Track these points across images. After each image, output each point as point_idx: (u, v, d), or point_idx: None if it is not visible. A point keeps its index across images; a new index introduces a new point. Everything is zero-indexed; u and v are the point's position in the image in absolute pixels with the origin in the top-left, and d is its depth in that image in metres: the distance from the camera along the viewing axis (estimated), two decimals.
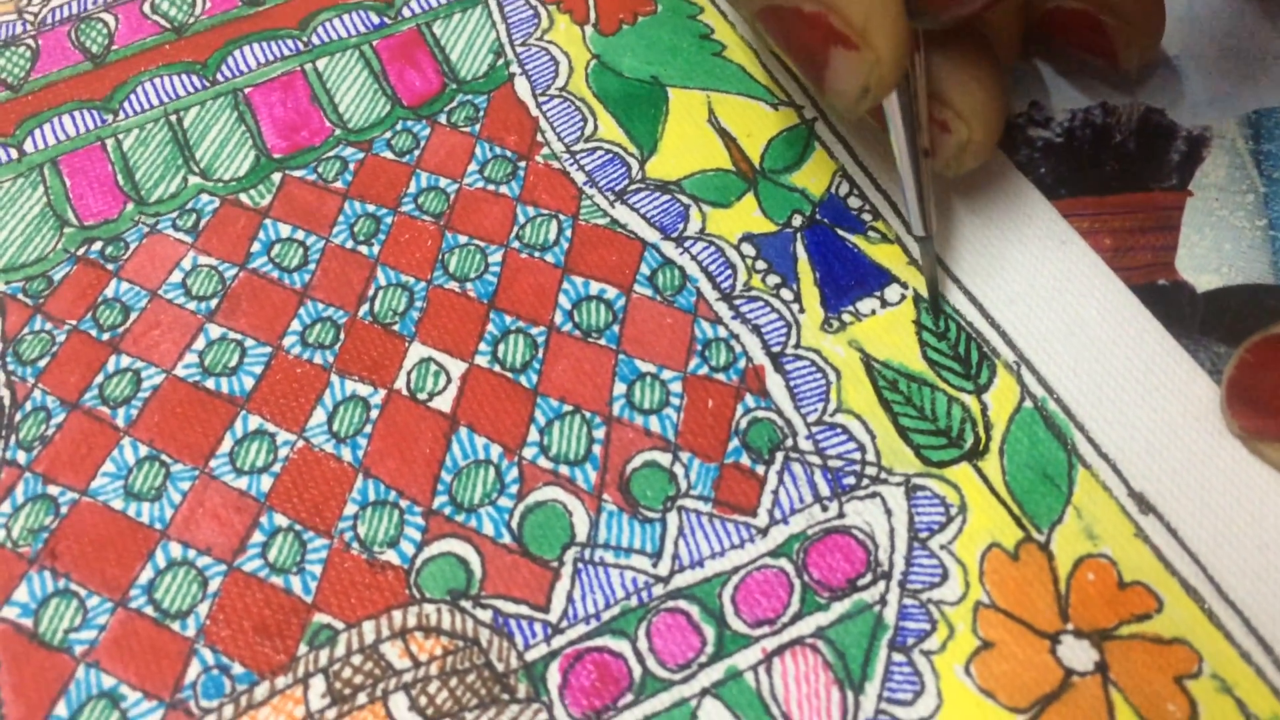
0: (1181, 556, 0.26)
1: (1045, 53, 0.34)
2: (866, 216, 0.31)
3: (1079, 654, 0.25)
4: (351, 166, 0.32)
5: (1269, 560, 0.25)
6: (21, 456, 0.28)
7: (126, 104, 0.34)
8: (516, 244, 0.31)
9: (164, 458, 0.28)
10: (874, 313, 0.29)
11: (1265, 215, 0.31)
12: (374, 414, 0.28)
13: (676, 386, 0.28)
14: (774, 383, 0.28)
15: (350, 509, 0.27)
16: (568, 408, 0.28)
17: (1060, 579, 0.25)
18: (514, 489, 0.27)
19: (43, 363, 0.29)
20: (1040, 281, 0.29)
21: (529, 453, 0.27)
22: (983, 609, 0.25)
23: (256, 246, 0.31)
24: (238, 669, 0.25)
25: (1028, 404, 0.28)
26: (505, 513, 0.27)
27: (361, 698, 0.24)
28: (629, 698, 0.24)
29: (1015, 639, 0.25)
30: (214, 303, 0.30)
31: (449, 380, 0.29)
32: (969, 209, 0.31)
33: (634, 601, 0.25)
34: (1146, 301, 0.29)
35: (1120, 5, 0.31)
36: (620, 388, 0.28)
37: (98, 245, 0.31)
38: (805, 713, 0.24)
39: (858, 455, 0.27)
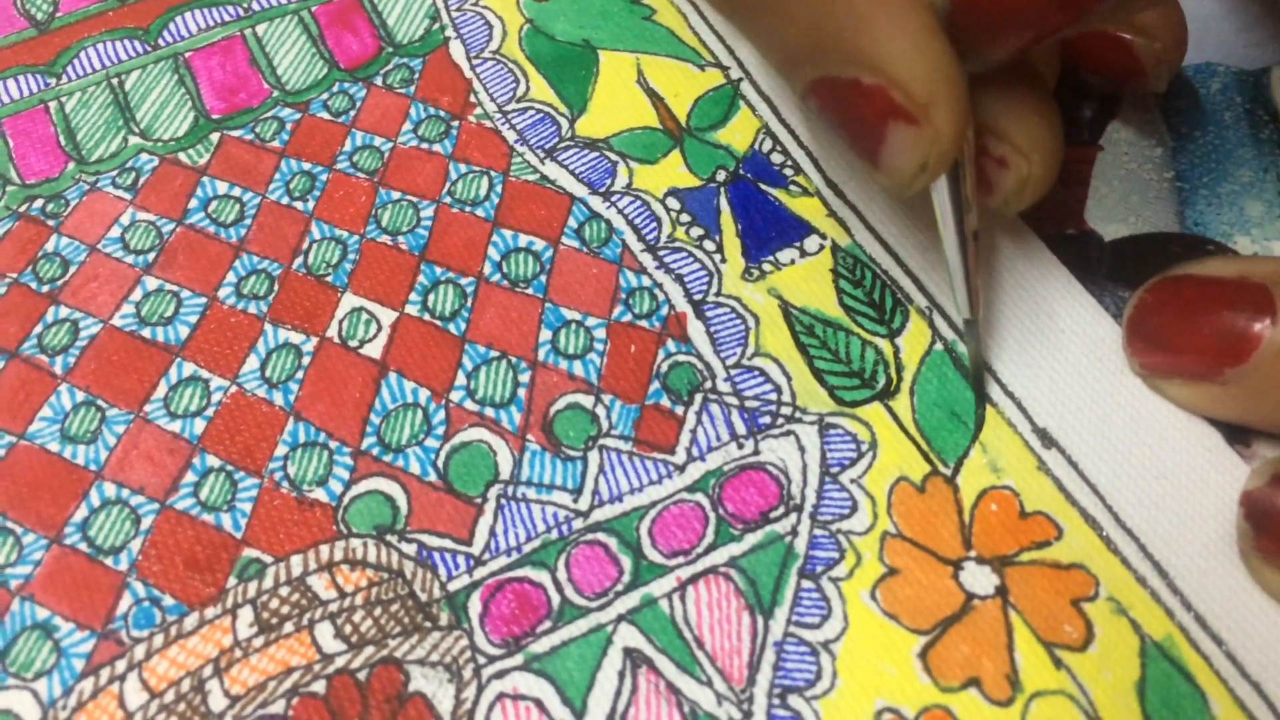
0: (1081, 487, 0.27)
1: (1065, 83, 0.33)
2: (788, 171, 0.32)
3: (980, 579, 0.26)
4: (288, 126, 0.33)
5: (1164, 489, 0.26)
6: None
7: (70, 68, 0.35)
8: (448, 199, 0.32)
9: (100, 403, 0.28)
10: (793, 262, 0.30)
11: (1172, 168, 0.32)
12: (306, 360, 0.29)
13: (600, 333, 0.29)
14: (695, 329, 0.29)
15: (281, 450, 0.28)
16: (494, 353, 0.29)
17: (964, 510, 0.26)
18: (440, 430, 0.28)
19: None
20: None
21: (456, 396, 0.28)
22: (889, 538, 0.26)
23: (194, 203, 0.32)
24: (168, 601, 0.26)
25: (938, 346, 0.29)
26: (431, 453, 0.27)
27: (288, 627, 0.25)
28: (547, 624, 0.25)
29: (920, 565, 0.26)
30: (151, 256, 0.31)
31: (379, 328, 0.29)
32: None
33: (554, 535, 0.26)
34: (1056, 250, 0.30)
35: (1148, 24, 0.31)
36: (546, 334, 0.29)
37: (39, 203, 0.32)
38: (717, 636, 0.25)
39: (774, 396, 0.28)
